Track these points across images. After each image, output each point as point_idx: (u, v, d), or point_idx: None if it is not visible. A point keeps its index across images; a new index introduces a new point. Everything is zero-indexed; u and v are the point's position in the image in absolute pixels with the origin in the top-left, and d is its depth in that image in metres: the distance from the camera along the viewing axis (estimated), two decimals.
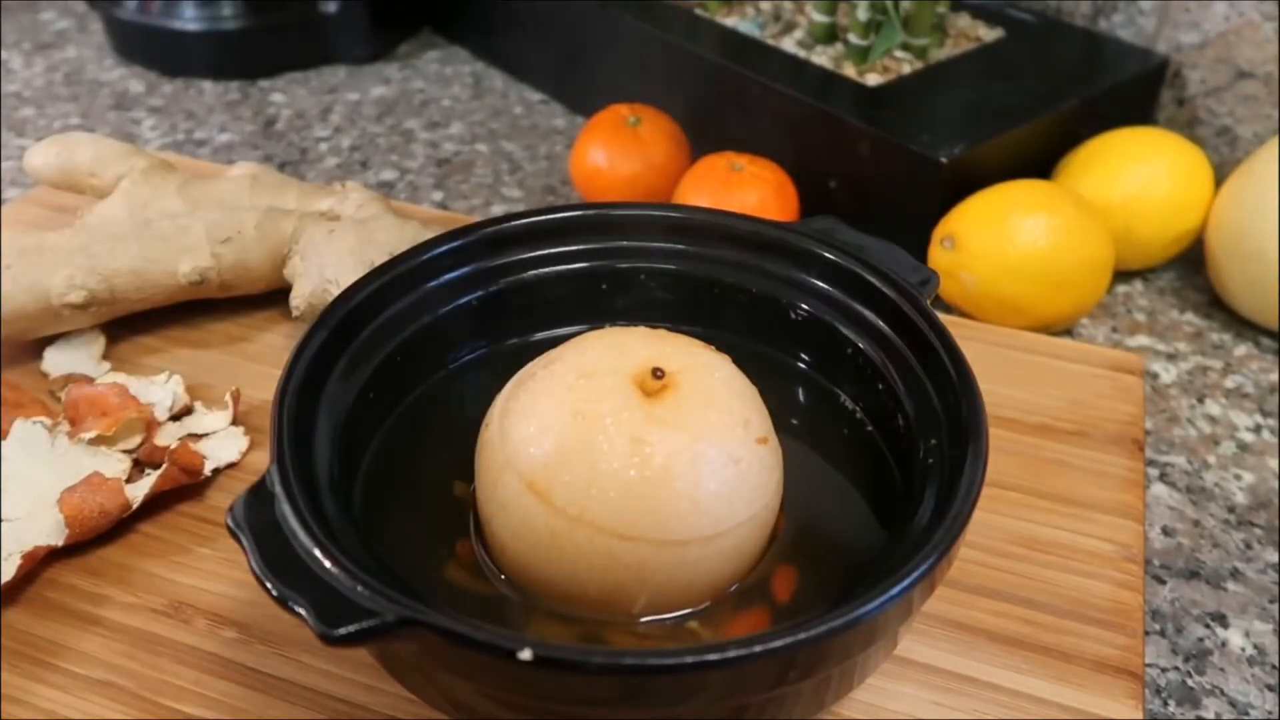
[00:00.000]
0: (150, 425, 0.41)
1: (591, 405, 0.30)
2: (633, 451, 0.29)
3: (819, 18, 0.61)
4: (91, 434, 0.40)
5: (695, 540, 0.30)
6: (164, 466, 0.39)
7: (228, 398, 0.43)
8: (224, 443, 0.42)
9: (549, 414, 0.30)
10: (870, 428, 0.37)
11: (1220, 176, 0.56)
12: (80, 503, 0.37)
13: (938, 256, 0.52)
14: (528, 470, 0.30)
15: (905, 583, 0.26)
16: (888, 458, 0.36)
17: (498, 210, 0.64)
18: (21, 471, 0.39)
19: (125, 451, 0.40)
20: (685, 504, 0.29)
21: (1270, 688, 0.37)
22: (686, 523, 0.30)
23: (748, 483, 0.31)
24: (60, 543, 0.37)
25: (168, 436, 0.41)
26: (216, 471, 0.41)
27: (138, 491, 0.38)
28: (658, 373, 0.31)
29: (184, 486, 0.40)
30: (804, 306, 0.38)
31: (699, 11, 0.65)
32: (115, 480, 0.38)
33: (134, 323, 0.47)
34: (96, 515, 0.37)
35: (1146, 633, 0.38)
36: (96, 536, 0.38)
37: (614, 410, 0.30)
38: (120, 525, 0.38)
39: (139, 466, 0.40)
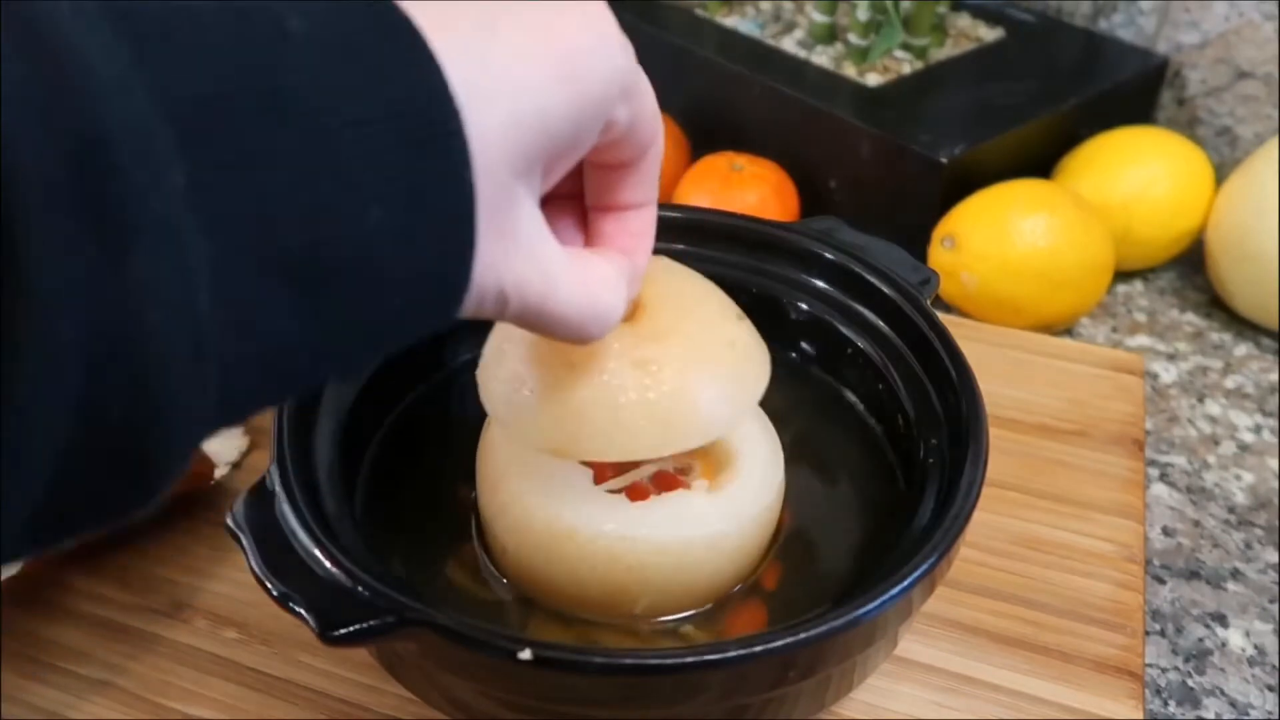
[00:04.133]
0: None
1: (580, 353, 0.28)
2: (642, 375, 0.28)
3: (819, 18, 0.61)
4: None
5: (697, 540, 0.30)
6: None
7: None
8: (224, 443, 0.42)
9: (539, 360, 0.29)
10: (871, 427, 0.37)
11: (1220, 176, 0.56)
12: None
13: (938, 256, 0.52)
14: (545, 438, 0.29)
15: (905, 583, 0.26)
16: (888, 457, 0.36)
17: None
18: None
19: None
20: (701, 410, 0.29)
21: (1270, 688, 0.37)
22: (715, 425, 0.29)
23: (754, 360, 0.30)
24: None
25: None
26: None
27: None
28: None
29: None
30: (804, 306, 0.38)
31: (699, 11, 0.65)
32: None
33: None
34: None
35: (1146, 633, 0.38)
36: (102, 537, 0.38)
37: (606, 347, 0.28)
38: (121, 526, 0.38)
39: None
